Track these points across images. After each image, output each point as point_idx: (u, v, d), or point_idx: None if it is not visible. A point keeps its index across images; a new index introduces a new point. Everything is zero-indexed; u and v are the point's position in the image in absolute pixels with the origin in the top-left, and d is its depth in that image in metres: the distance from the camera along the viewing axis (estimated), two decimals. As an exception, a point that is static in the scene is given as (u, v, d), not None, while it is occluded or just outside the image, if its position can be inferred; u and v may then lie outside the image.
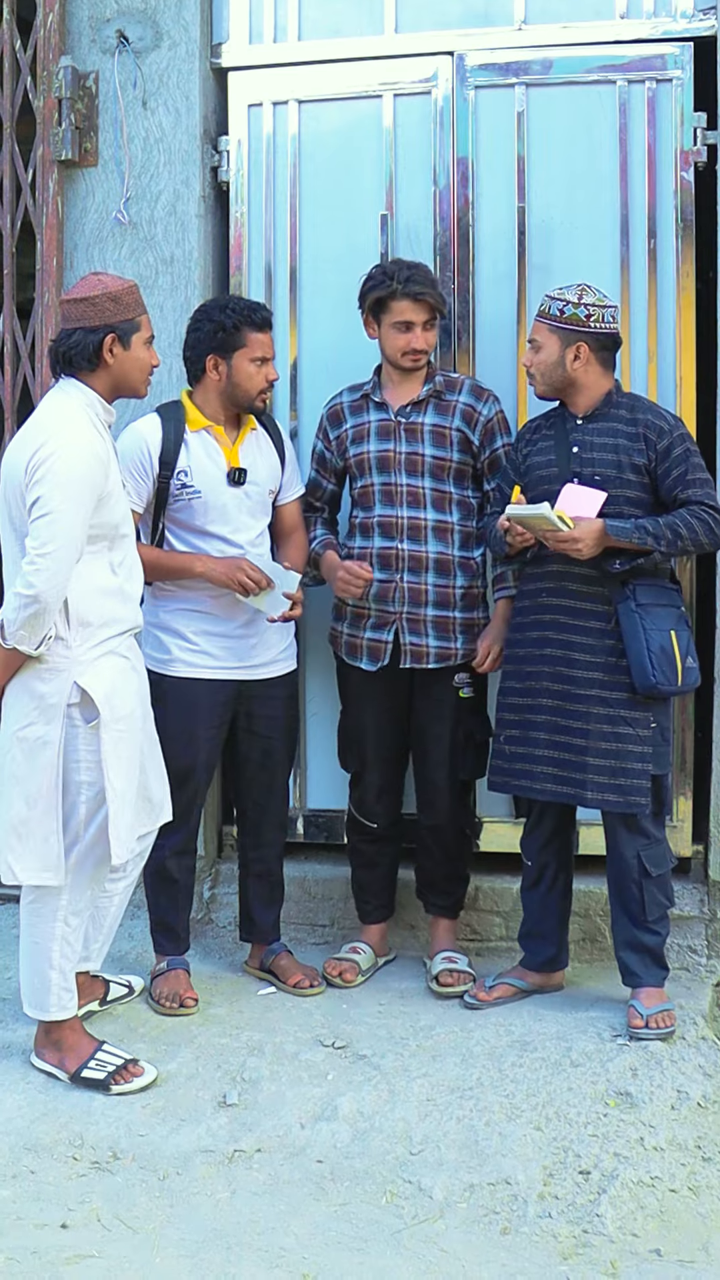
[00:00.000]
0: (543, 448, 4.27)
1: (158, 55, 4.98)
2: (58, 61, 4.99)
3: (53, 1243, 3.27)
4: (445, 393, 4.49)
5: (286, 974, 4.55)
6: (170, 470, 4.32)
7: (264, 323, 4.35)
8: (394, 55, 4.88)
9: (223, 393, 4.36)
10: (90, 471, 3.74)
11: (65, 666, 3.81)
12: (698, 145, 4.64)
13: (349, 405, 4.59)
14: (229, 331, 4.29)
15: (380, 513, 4.49)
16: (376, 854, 4.69)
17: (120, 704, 3.88)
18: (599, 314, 4.14)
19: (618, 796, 4.11)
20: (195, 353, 4.36)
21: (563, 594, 4.19)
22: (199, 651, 4.39)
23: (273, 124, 4.96)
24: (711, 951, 4.62)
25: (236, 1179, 3.54)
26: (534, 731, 4.23)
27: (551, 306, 4.16)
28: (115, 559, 3.90)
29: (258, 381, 4.34)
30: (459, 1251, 3.25)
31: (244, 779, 4.58)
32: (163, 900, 4.52)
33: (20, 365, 5.15)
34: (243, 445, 4.41)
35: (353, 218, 4.92)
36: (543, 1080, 3.85)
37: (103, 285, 3.87)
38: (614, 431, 4.16)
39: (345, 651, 4.58)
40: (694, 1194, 3.44)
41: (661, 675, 4.04)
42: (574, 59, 4.72)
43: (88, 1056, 3.95)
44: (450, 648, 4.48)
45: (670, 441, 4.12)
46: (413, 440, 4.47)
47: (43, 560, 3.67)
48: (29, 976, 3.99)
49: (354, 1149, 3.64)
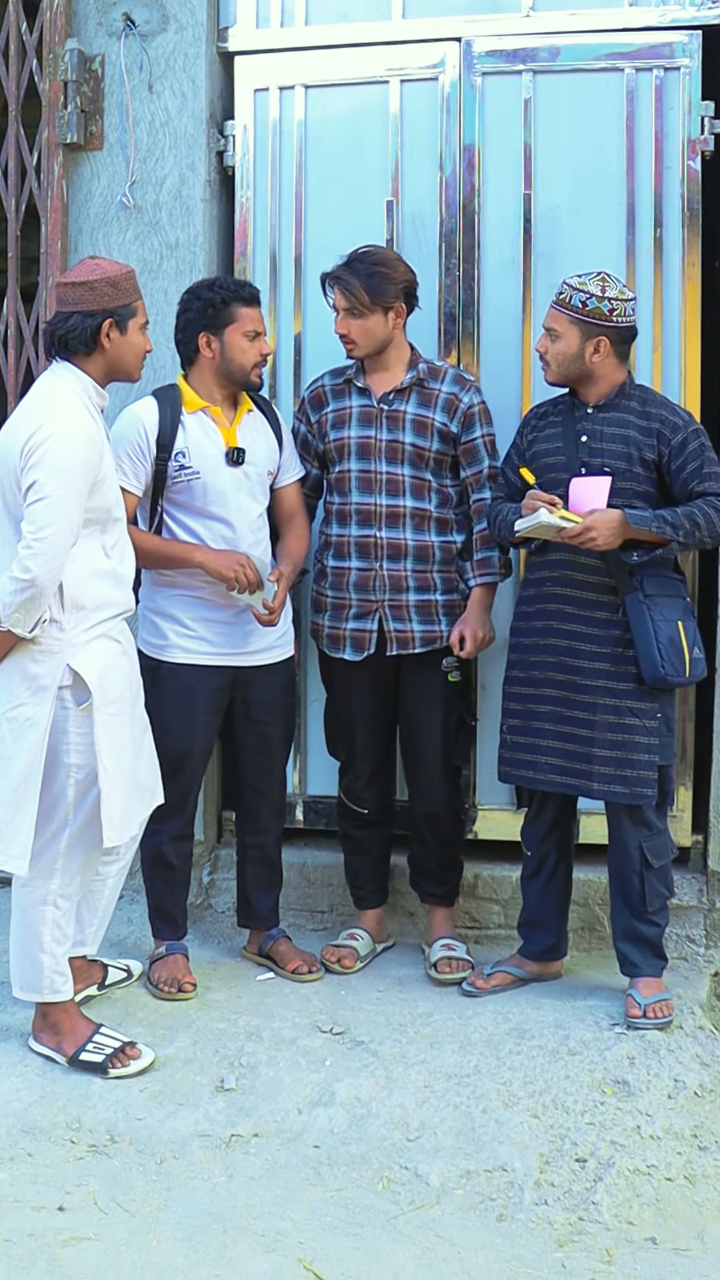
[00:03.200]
0: (550, 435, 4.25)
1: (164, 39, 4.97)
2: (64, 44, 4.97)
3: (50, 1225, 3.28)
4: (428, 380, 4.47)
5: (285, 960, 4.55)
6: (168, 452, 4.31)
7: (252, 298, 4.35)
8: (401, 41, 4.86)
9: (218, 370, 4.35)
10: (85, 456, 3.75)
11: (58, 649, 3.82)
12: (705, 134, 4.63)
13: (330, 389, 4.58)
14: (218, 308, 4.29)
15: (358, 500, 4.48)
16: (367, 839, 4.70)
17: (112, 687, 3.89)
18: (621, 308, 4.10)
19: (624, 788, 4.10)
20: (187, 333, 4.35)
21: (568, 583, 4.17)
22: (196, 637, 4.39)
23: (279, 109, 4.95)
24: (710, 941, 4.62)
25: (233, 1163, 3.55)
26: (537, 722, 4.22)
27: (574, 297, 4.11)
28: (108, 542, 3.91)
29: (251, 355, 4.33)
30: (455, 1238, 3.26)
31: (242, 765, 4.58)
32: (160, 886, 4.52)
33: (24, 348, 5.14)
34: (240, 425, 4.40)
35: (358, 204, 4.90)
36: (540, 1068, 3.86)
37: (101, 270, 3.87)
38: (624, 423, 4.14)
39: (327, 644, 4.58)
40: (690, 1182, 3.45)
41: (670, 666, 4.03)
42: (582, 46, 4.70)
43: (85, 1039, 3.96)
44: (435, 630, 4.48)
45: (685, 437, 4.10)
46: (394, 428, 4.45)
47: (39, 545, 3.68)
48: (20, 959, 4.00)
49: (351, 1135, 3.65)
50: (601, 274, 4.15)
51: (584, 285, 4.11)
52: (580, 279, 4.14)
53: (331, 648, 4.57)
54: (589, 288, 4.10)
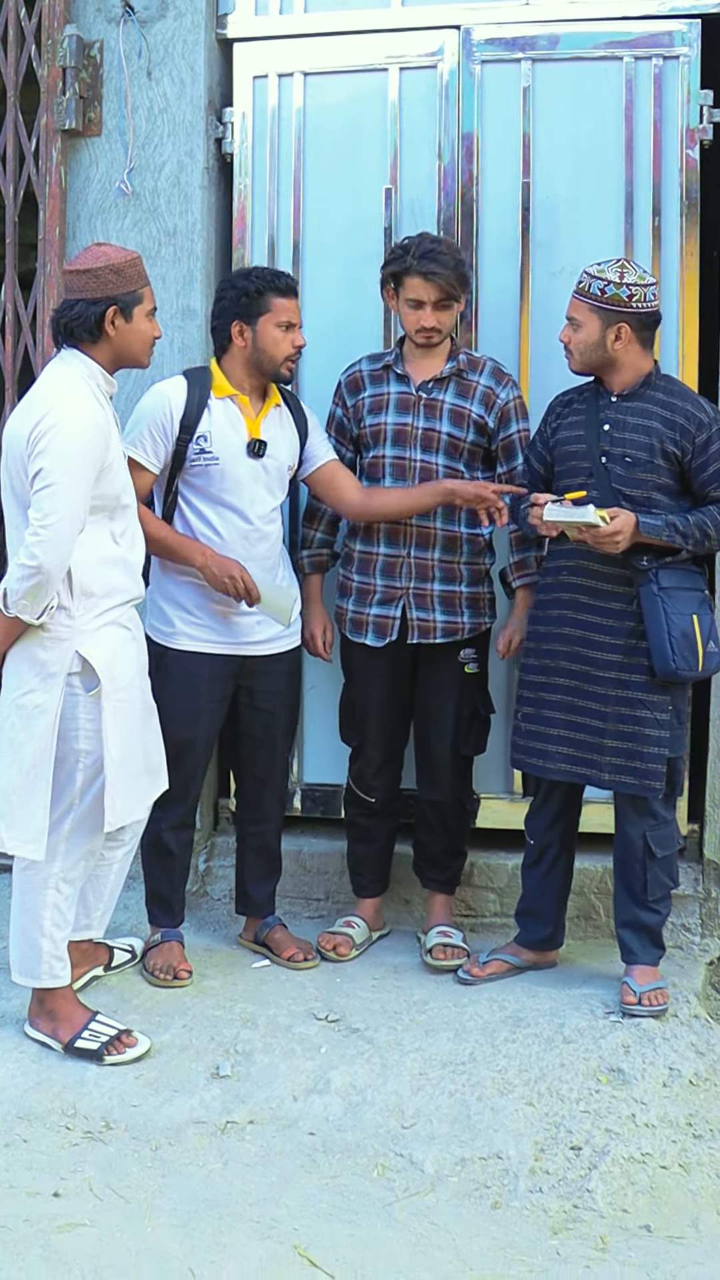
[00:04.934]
0: (573, 423, 4.23)
1: (163, 25, 4.95)
2: (62, 30, 4.96)
3: (45, 1211, 3.28)
4: (467, 372, 4.47)
5: (280, 947, 4.55)
6: (190, 434, 4.29)
7: (288, 289, 4.33)
8: (400, 28, 4.85)
9: (249, 360, 4.34)
10: (92, 443, 3.74)
11: (67, 635, 3.82)
12: (704, 123, 4.62)
13: (369, 374, 4.57)
14: (252, 296, 4.28)
15: (390, 486, 4.48)
16: (374, 829, 4.70)
17: (121, 673, 3.89)
18: (641, 293, 4.06)
19: (634, 779, 4.10)
20: (221, 321, 4.35)
21: (584, 573, 4.16)
22: (202, 625, 4.38)
23: (278, 96, 4.94)
24: (705, 930, 4.63)
25: (228, 1150, 3.55)
26: (548, 710, 4.22)
27: (592, 285, 4.09)
28: (117, 529, 3.90)
29: (284, 347, 4.31)
30: (450, 1225, 3.27)
31: (245, 753, 4.58)
32: (158, 873, 4.52)
33: (21, 335, 5.13)
34: (265, 419, 4.39)
35: (357, 191, 4.90)
36: (535, 1056, 3.86)
37: (105, 257, 3.86)
38: (648, 413, 4.11)
39: (349, 628, 4.58)
40: (684, 1171, 3.45)
41: (682, 660, 4.02)
42: (581, 34, 4.69)
43: (81, 1026, 3.96)
44: (457, 622, 4.48)
45: (709, 435, 4.07)
46: (431, 416, 4.45)
47: (46, 532, 3.67)
48: (19, 943, 4.00)
49: (346, 1122, 3.65)
50: (620, 260, 4.13)
51: (602, 273, 4.09)
52: (599, 266, 4.11)
53: (354, 632, 4.57)
54: (607, 275, 4.08)
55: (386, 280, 4.44)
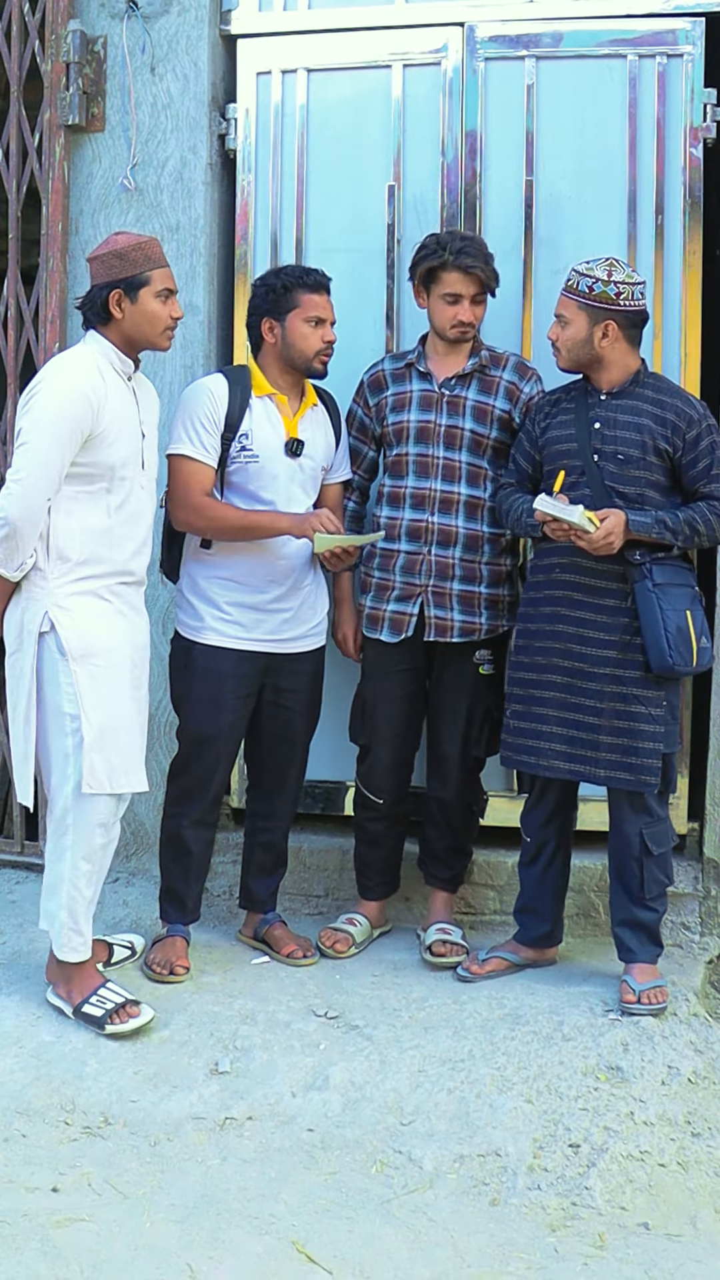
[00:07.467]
0: (562, 421, 4.23)
1: (167, 21, 4.95)
2: (66, 26, 4.96)
3: (43, 1206, 3.29)
4: (490, 368, 4.47)
5: (280, 944, 4.55)
6: (233, 432, 4.32)
7: (317, 284, 4.35)
8: (404, 25, 4.85)
9: (280, 356, 4.36)
10: (72, 407, 3.89)
11: (41, 596, 3.98)
12: (707, 121, 4.62)
13: (391, 372, 4.57)
14: (280, 293, 4.31)
15: (413, 485, 4.47)
16: (382, 832, 4.69)
17: (97, 641, 3.99)
18: (628, 291, 4.09)
19: (629, 775, 4.10)
20: (253, 319, 4.39)
21: (577, 570, 4.16)
22: (231, 621, 4.38)
23: (281, 92, 4.94)
24: (705, 928, 4.63)
25: (227, 1146, 3.56)
26: (540, 708, 4.22)
27: (580, 282, 4.11)
28: (114, 501, 4.02)
29: (313, 342, 4.33)
30: (448, 1221, 3.27)
31: (264, 750, 4.57)
32: (174, 869, 4.52)
33: (24, 330, 5.13)
34: (303, 418, 4.41)
35: (360, 188, 4.90)
36: (534, 1053, 3.86)
37: (111, 243, 4.04)
38: (639, 411, 4.12)
39: (366, 624, 4.57)
40: (683, 1168, 3.45)
41: (678, 656, 4.02)
42: (585, 32, 4.69)
43: (90, 992, 4.05)
44: (474, 622, 4.48)
45: (699, 432, 4.09)
46: (454, 414, 4.45)
47: (16, 486, 3.87)
48: (50, 913, 4.10)
49: (345, 1118, 3.65)
50: (609, 259, 4.14)
51: (590, 270, 4.11)
52: (587, 264, 4.13)
53: (369, 628, 4.56)
54: (595, 272, 4.10)
55: (420, 277, 4.41)
